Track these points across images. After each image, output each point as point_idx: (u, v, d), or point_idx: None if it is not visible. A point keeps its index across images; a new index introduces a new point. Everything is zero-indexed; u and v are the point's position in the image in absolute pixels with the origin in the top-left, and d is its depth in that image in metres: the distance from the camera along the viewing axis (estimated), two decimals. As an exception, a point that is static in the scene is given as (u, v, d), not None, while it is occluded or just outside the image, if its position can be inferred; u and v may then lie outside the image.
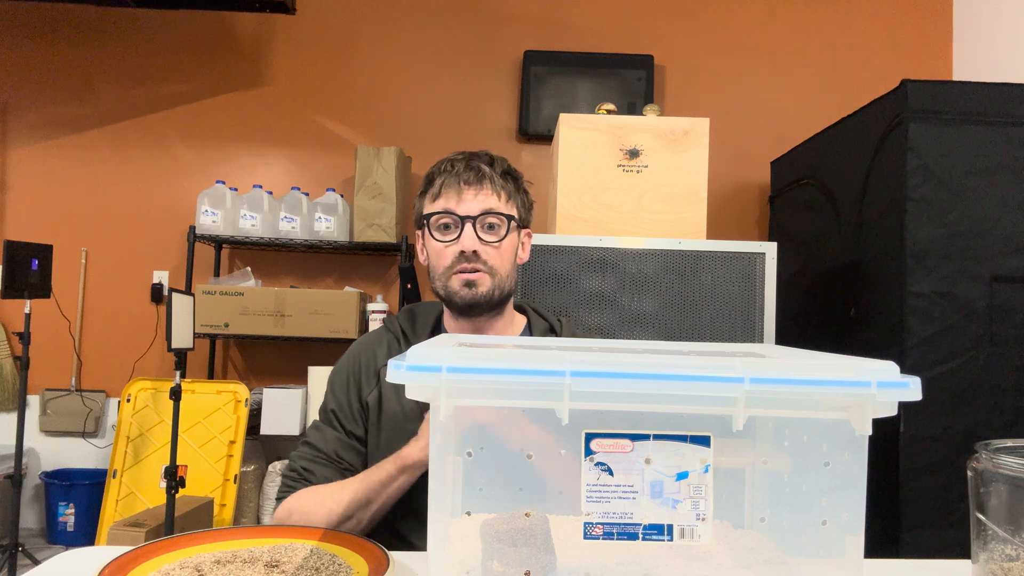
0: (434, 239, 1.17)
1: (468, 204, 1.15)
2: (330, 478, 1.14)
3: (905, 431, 2.04)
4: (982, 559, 0.74)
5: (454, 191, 1.15)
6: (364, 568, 0.80)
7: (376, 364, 1.22)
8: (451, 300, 1.17)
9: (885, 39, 3.56)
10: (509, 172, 1.22)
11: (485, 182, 1.17)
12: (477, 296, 1.15)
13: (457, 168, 1.17)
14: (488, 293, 1.16)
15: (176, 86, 3.53)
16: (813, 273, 2.73)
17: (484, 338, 1.12)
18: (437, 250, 1.17)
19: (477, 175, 1.16)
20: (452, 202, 1.15)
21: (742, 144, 3.45)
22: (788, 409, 0.61)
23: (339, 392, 1.22)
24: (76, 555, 0.91)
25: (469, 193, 1.15)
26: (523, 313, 1.31)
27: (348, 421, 1.19)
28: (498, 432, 0.64)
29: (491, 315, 1.20)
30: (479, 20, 3.55)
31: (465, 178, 1.16)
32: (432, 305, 1.29)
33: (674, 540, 0.62)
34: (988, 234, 2.08)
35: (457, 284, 1.15)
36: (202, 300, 3.04)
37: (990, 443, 0.75)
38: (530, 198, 1.27)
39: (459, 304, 1.16)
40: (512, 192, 1.21)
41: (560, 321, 1.29)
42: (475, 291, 1.15)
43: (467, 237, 1.14)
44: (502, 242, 1.17)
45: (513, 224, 1.19)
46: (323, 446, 1.17)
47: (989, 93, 2.12)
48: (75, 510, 3.19)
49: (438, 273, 1.18)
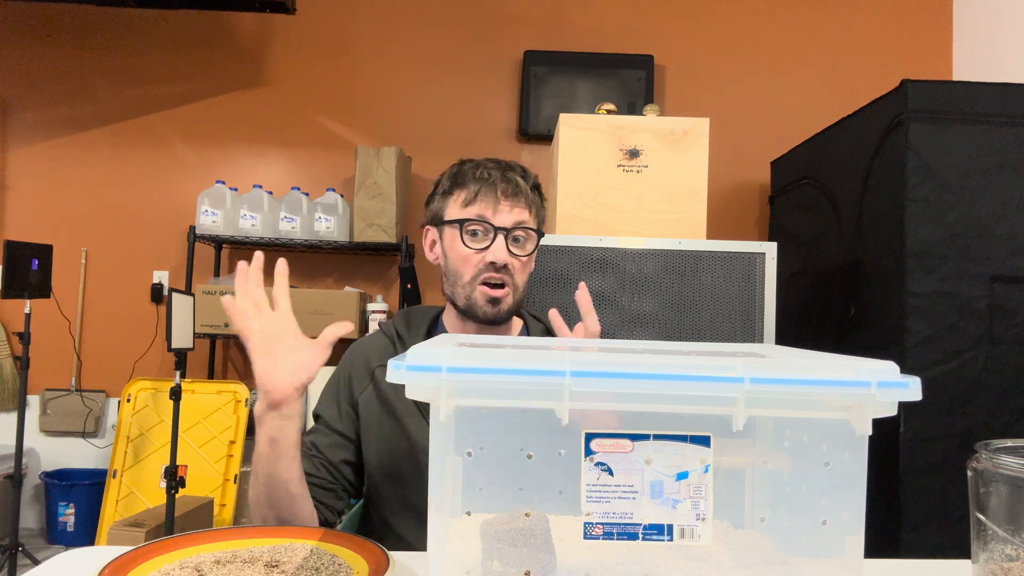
0: (464, 244, 1.17)
1: (503, 216, 1.17)
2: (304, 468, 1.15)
3: (905, 431, 2.04)
4: (982, 559, 0.74)
5: (491, 201, 1.17)
6: (364, 568, 0.80)
7: (369, 364, 1.23)
8: (472, 311, 1.18)
9: (885, 39, 3.56)
10: (538, 187, 1.25)
11: (521, 197, 1.19)
12: (500, 314, 1.18)
13: (494, 177, 1.18)
14: (509, 310, 1.19)
15: (176, 86, 3.53)
16: (813, 273, 2.73)
17: (484, 338, 1.11)
18: (464, 256, 1.17)
19: (515, 189, 1.18)
20: (488, 211, 1.16)
21: (742, 144, 3.45)
22: (788, 409, 0.61)
23: (328, 396, 1.23)
24: (76, 555, 0.91)
25: (505, 205, 1.17)
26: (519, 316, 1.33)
27: (334, 418, 1.20)
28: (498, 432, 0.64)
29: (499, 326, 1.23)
30: (479, 20, 3.55)
31: (503, 189, 1.17)
32: (428, 308, 1.30)
33: (674, 540, 0.62)
34: (988, 234, 2.08)
35: (482, 298, 1.17)
36: (202, 300, 3.04)
37: (990, 443, 0.75)
38: (546, 210, 1.29)
39: (480, 318, 1.18)
40: (539, 207, 1.24)
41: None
42: (499, 309, 1.17)
43: (499, 249, 1.16)
44: (528, 256, 1.20)
45: (539, 240, 1.22)
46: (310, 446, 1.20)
47: (989, 93, 2.11)
48: (75, 510, 3.19)
49: (463, 280, 1.18)
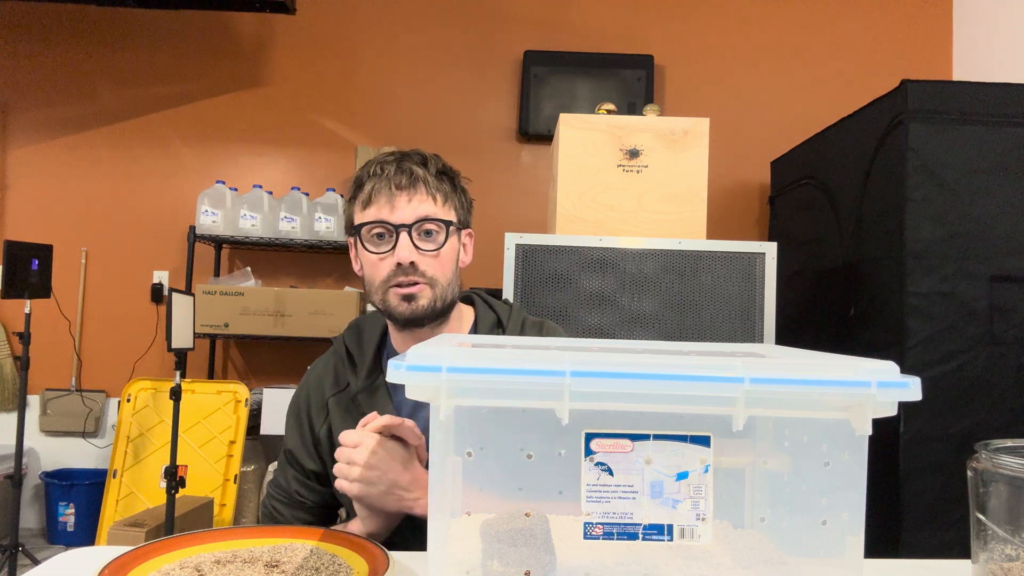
0: (367, 251, 1.09)
1: (402, 211, 1.07)
2: (298, 516, 1.18)
3: (905, 431, 2.04)
4: (982, 559, 0.74)
5: (386, 197, 1.07)
6: (364, 568, 0.80)
7: (323, 396, 1.19)
8: (391, 315, 1.11)
9: (885, 39, 3.56)
10: (445, 171, 1.13)
11: (419, 185, 1.08)
12: (417, 311, 1.08)
13: (387, 171, 1.08)
14: (429, 306, 1.09)
15: (176, 86, 3.53)
16: (813, 273, 2.73)
17: (484, 338, 1.11)
18: (371, 262, 1.09)
19: (410, 178, 1.08)
20: (384, 210, 1.07)
21: (742, 144, 3.45)
22: (788, 409, 0.61)
23: (292, 430, 1.21)
24: (76, 555, 0.91)
25: (402, 199, 1.07)
26: (470, 303, 1.25)
27: (304, 458, 1.18)
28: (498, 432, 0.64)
29: (434, 324, 1.14)
30: (479, 20, 3.55)
31: (397, 182, 1.07)
32: (378, 317, 1.23)
33: (674, 540, 0.62)
34: (988, 234, 2.08)
35: (395, 299, 1.08)
36: (202, 300, 3.04)
37: (990, 443, 0.75)
38: (469, 196, 1.19)
39: (399, 319, 1.11)
40: (449, 193, 1.12)
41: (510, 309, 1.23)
42: (415, 305, 1.08)
43: (403, 248, 1.06)
44: (441, 250, 1.09)
45: (452, 229, 1.11)
46: (286, 486, 1.20)
47: (989, 93, 2.11)
48: (75, 510, 3.19)
49: (374, 286, 1.10)
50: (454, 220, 1.12)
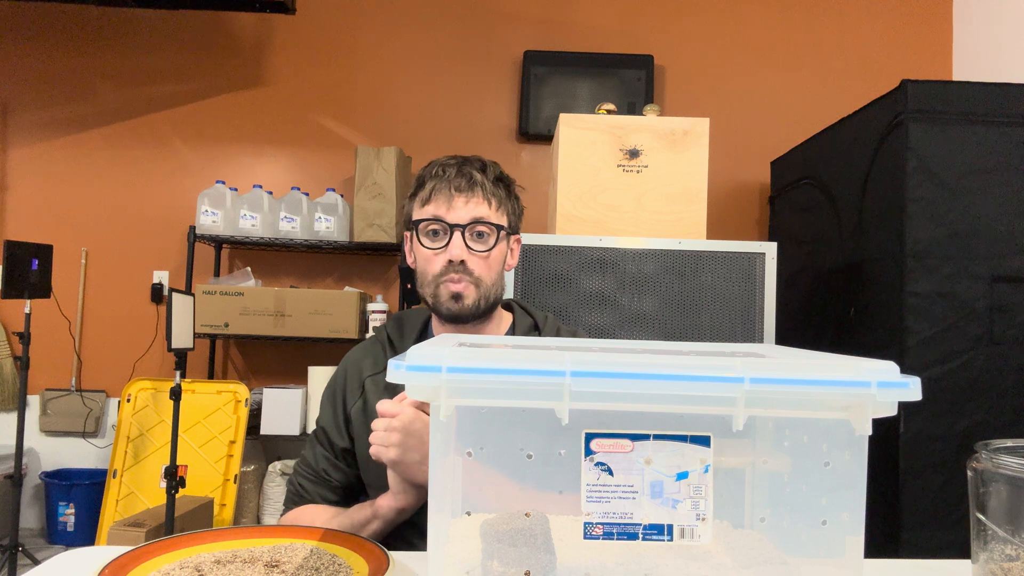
0: (422, 245, 1.16)
1: (458, 212, 1.14)
2: (323, 495, 1.20)
3: (905, 431, 2.04)
4: (982, 559, 0.74)
5: (444, 197, 1.14)
6: (364, 568, 0.80)
7: (361, 375, 1.23)
8: (438, 309, 1.17)
9: (885, 39, 3.56)
10: (501, 179, 1.21)
11: (476, 189, 1.15)
12: (464, 309, 1.15)
13: (449, 173, 1.15)
14: (474, 305, 1.15)
15: (176, 86, 3.53)
16: (813, 273, 2.73)
17: (484, 338, 1.12)
18: (425, 256, 1.17)
19: (469, 182, 1.15)
20: (442, 209, 1.14)
21: (742, 144, 3.45)
22: (788, 409, 0.61)
23: (326, 408, 1.25)
24: (76, 555, 0.91)
25: (460, 200, 1.14)
26: (510, 310, 1.31)
27: (336, 437, 1.21)
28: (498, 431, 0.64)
29: (477, 322, 1.21)
30: (479, 20, 3.55)
31: (456, 184, 1.14)
32: (419, 311, 1.30)
33: (674, 540, 0.62)
34: (988, 234, 2.08)
35: (445, 294, 1.15)
36: (202, 300, 3.04)
37: (990, 443, 0.75)
38: (521, 204, 1.26)
39: (445, 314, 1.17)
40: (503, 199, 1.20)
41: (547, 317, 1.30)
42: (462, 304, 1.15)
43: (455, 246, 1.13)
44: (490, 251, 1.16)
45: (503, 233, 1.18)
46: (314, 464, 1.22)
47: (989, 93, 2.11)
48: (75, 510, 3.19)
49: (426, 280, 1.17)
50: (505, 225, 1.20)
